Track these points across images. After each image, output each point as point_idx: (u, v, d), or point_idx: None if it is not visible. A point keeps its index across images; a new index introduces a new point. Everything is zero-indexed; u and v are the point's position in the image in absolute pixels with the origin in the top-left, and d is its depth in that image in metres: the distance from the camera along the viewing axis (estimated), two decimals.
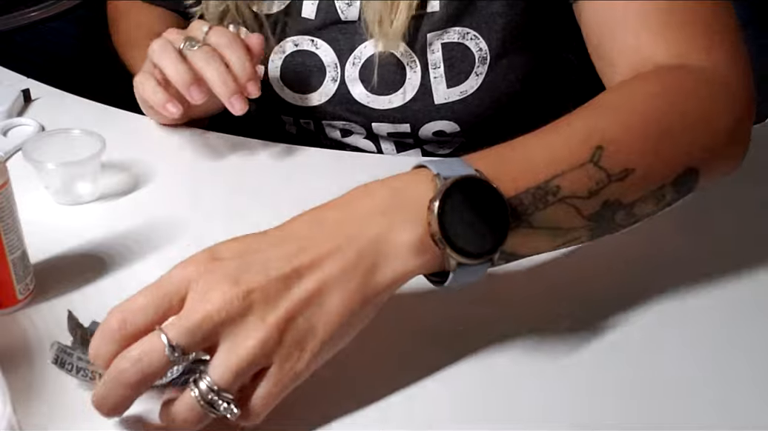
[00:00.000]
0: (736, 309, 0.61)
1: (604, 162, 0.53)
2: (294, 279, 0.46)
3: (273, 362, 0.46)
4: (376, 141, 0.85)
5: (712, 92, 0.59)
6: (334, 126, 0.84)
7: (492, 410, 0.52)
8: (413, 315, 0.59)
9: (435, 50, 0.77)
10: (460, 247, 0.48)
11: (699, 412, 0.52)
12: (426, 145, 0.84)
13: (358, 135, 0.84)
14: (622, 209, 0.55)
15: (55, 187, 0.70)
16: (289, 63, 0.81)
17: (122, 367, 0.44)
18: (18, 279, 0.57)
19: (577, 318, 0.59)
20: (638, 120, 0.56)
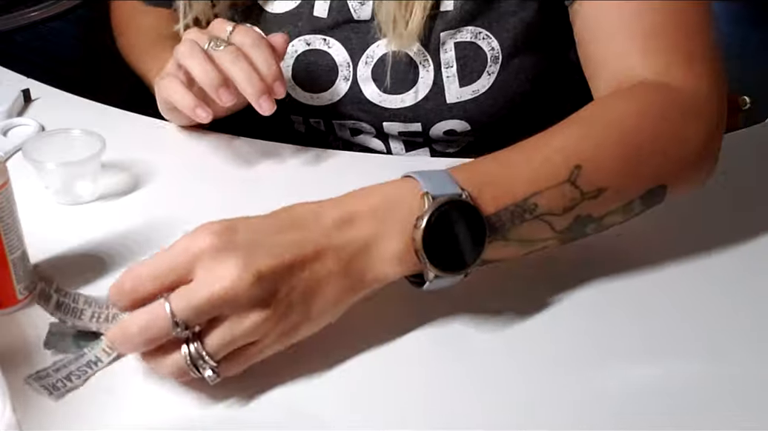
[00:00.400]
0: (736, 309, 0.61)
1: (580, 181, 0.56)
2: (298, 268, 0.50)
3: (261, 340, 0.50)
4: (385, 140, 0.85)
5: (685, 115, 0.62)
6: (344, 125, 0.84)
7: (492, 410, 0.52)
8: (413, 315, 0.59)
9: (448, 49, 0.77)
10: (439, 263, 0.52)
11: (698, 412, 0.52)
12: (435, 144, 0.84)
13: (367, 134, 0.84)
14: (593, 222, 0.59)
15: (55, 187, 0.70)
16: (300, 62, 0.81)
17: (130, 332, 0.48)
18: (18, 279, 0.57)
19: (577, 317, 0.60)
20: (614, 140, 0.59)
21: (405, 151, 0.85)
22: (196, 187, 0.75)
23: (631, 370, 0.55)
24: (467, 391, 0.53)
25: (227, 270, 0.47)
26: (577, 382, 0.54)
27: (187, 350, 0.48)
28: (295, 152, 0.80)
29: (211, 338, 0.48)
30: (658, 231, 0.69)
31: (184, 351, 0.48)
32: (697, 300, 0.62)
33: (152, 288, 0.48)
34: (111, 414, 0.50)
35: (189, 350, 0.48)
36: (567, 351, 0.57)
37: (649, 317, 0.60)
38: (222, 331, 0.48)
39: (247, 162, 0.79)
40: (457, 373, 0.55)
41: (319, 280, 0.50)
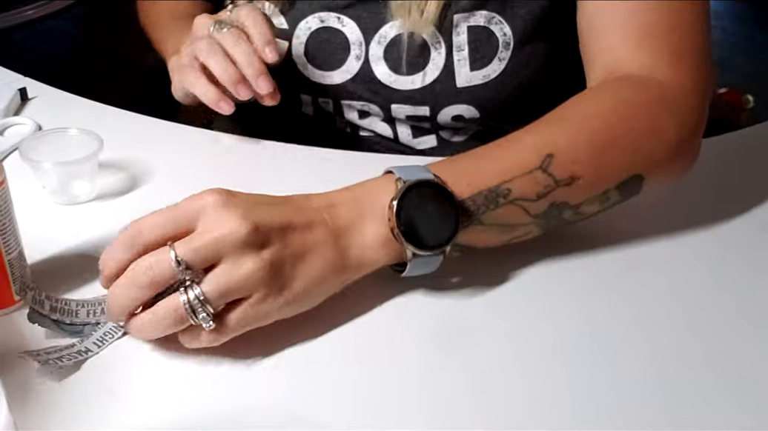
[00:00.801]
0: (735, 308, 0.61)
1: (552, 169, 0.59)
2: (290, 231, 0.54)
3: (253, 294, 0.52)
4: (392, 124, 0.85)
5: (666, 109, 0.64)
6: (352, 107, 0.84)
7: (491, 410, 0.52)
8: (413, 314, 0.59)
9: (461, 32, 0.77)
10: (415, 240, 0.56)
11: (697, 412, 0.52)
12: (442, 131, 0.84)
13: (375, 117, 0.84)
14: (569, 209, 0.61)
15: (52, 187, 0.70)
16: (314, 39, 0.81)
17: (136, 272, 0.51)
18: (15, 279, 0.57)
19: (578, 316, 0.59)
20: (588, 132, 0.61)
21: (412, 137, 0.85)
22: (194, 187, 0.73)
23: (630, 370, 0.55)
24: (468, 391, 0.53)
25: (228, 220, 0.51)
26: (575, 378, 0.54)
27: (186, 296, 0.51)
28: (295, 152, 0.80)
29: (209, 280, 0.51)
30: (656, 232, 0.69)
31: (183, 298, 0.51)
32: (697, 302, 0.61)
33: (157, 237, 0.52)
34: (111, 414, 0.50)
35: (188, 296, 0.51)
36: (566, 349, 0.57)
37: (649, 319, 0.60)
38: (219, 273, 0.51)
39: (246, 162, 0.79)
40: (457, 373, 0.55)
41: (309, 246, 0.54)
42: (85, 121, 0.74)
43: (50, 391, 0.51)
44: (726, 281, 0.64)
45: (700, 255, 0.66)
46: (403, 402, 0.52)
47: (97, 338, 0.55)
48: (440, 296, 0.61)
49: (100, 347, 0.54)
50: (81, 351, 0.54)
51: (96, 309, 0.57)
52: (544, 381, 0.54)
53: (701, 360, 0.56)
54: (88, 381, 0.52)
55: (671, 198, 0.74)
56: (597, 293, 0.62)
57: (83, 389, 0.52)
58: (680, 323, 0.59)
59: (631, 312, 0.60)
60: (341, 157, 0.80)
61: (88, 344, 0.54)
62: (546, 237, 0.68)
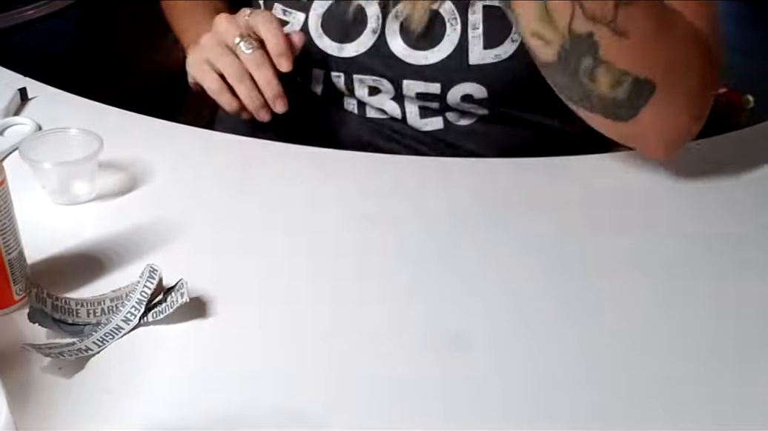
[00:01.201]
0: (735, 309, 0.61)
1: (621, 13, 0.61)
2: None
3: None
4: (401, 103, 0.85)
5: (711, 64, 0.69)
6: (364, 82, 0.84)
7: (491, 410, 0.52)
8: (413, 314, 0.59)
9: (476, 11, 0.78)
10: None
11: (696, 412, 0.52)
12: (449, 112, 0.84)
13: (385, 95, 0.85)
14: (593, 57, 0.63)
15: (52, 187, 0.70)
16: (332, 11, 0.82)
17: None
18: (15, 279, 0.57)
19: (577, 317, 0.59)
20: (666, 23, 0.65)
21: (420, 117, 0.85)
22: (194, 187, 0.74)
23: (630, 371, 0.55)
24: (468, 391, 0.53)
25: None
26: (575, 381, 0.54)
27: None
28: (295, 152, 0.80)
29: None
30: (659, 232, 0.69)
31: None
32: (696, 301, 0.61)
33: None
34: (111, 414, 0.50)
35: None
36: (566, 349, 0.57)
37: (649, 319, 0.60)
38: None
39: (245, 162, 0.79)
40: (457, 373, 0.55)
41: None
42: (85, 121, 0.74)
43: (50, 391, 0.51)
44: (726, 281, 0.64)
45: (700, 255, 0.66)
46: (403, 402, 0.52)
47: (98, 338, 0.55)
48: (440, 296, 0.61)
49: (100, 347, 0.55)
50: (81, 350, 0.54)
51: (96, 309, 0.57)
52: (545, 382, 0.54)
53: (703, 361, 0.56)
54: (88, 381, 0.52)
55: (671, 197, 0.74)
56: (598, 293, 0.62)
57: (83, 389, 0.52)
58: (680, 323, 0.59)
59: (632, 313, 0.60)
60: (341, 157, 0.80)
61: (89, 343, 0.54)
62: (546, 237, 0.68)
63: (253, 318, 0.59)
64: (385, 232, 0.68)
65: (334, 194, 0.73)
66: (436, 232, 0.68)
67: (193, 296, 0.58)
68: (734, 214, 0.71)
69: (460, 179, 0.77)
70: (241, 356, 0.55)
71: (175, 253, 0.64)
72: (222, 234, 0.67)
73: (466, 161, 0.80)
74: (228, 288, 0.60)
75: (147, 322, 0.57)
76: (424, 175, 0.77)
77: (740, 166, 0.78)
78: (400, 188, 0.75)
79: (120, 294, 0.58)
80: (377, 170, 0.78)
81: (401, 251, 0.66)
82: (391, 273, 0.63)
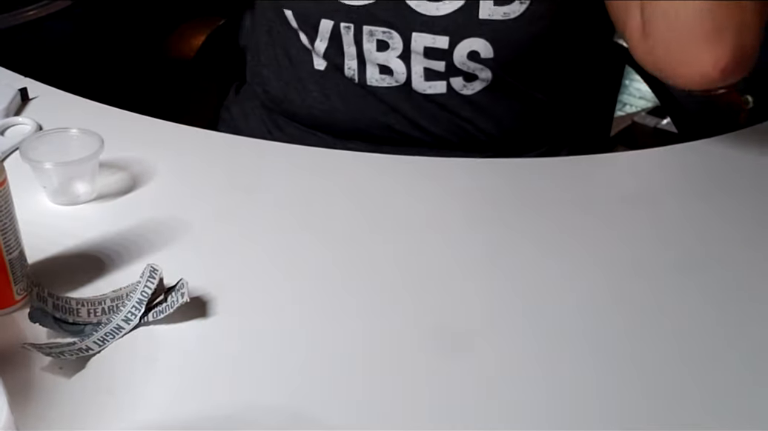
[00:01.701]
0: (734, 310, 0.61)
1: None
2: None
3: None
4: (408, 62, 0.85)
5: None
6: (373, 34, 0.84)
7: (491, 410, 0.52)
8: (413, 314, 0.59)
9: None
10: None
11: (695, 411, 0.52)
12: (453, 77, 0.85)
13: (393, 51, 0.85)
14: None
15: (52, 187, 0.70)
16: None
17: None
18: (15, 279, 0.57)
19: (578, 316, 0.59)
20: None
21: (424, 79, 0.85)
22: (194, 187, 0.74)
23: (631, 371, 0.55)
24: (468, 391, 0.53)
25: None
26: (575, 378, 0.54)
27: None
28: (295, 152, 0.80)
29: None
30: (659, 232, 0.69)
31: None
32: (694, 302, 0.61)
33: None
34: (111, 414, 0.50)
35: None
36: (566, 349, 0.57)
37: (650, 319, 0.60)
38: None
39: (245, 161, 0.79)
40: (457, 373, 0.55)
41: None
42: (85, 121, 0.74)
43: (51, 391, 0.51)
44: (726, 280, 0.64)
45: (700, 255, 0.66)
46: (403, 401, 0.52)
47: (98, 338, 0.55)
48: (440, 296, 0.61)
49: (101, 346, 0.55)
50: (82, 349, 0.54)
51: (96, 309, 0.57)
52: (545, 382, 0.54)
53: (709, 362, 0.56)
54: (88, 381, 0.52)
55: (671, 197, 0.74)
56: (597, 293, 0.62)
57: (84, 388, 0.52)
58: (680, 324, 0.59)
59: (632, 312, 0.60)
60: (341, 157, 0.80)
61: (89, 343, 0.54)
62: (547, 238, 0.68)
63: (253, 317, 0.59)
64: (388, 232, 0.68)
65: (335, 194, 0.73)
66: (439, 232, 0.68)
67: (194, 296, 0.59)
68: (734, 214, 0.71)
69: (463, 178, 0.77)
70: (241, 356, 0.55)
71: (175, 253, 0.64)
72: (222, 234, 0.67)
73: (467, 161, 0.80)
74: (228, 288, 0.60)
75: (147, 322, 0.57)
76: (427, 174, 0.77)
77: (740, 166, 0.78)
78: (402, 187, 0.75)
79: (120, 294, 0.58)
80: (379, 170, 0.78)
81: (403, 251, 0.66)
82: (392, 274, 0.64)
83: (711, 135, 0.81)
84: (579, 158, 0.81)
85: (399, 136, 0.88)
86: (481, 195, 0.74)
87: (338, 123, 0.89)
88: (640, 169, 0.77)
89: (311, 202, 0.72)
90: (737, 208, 0.72)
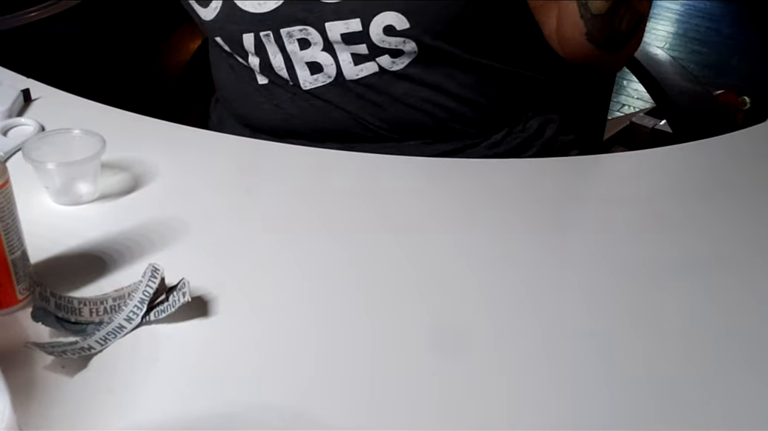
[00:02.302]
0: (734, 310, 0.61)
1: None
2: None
3: None
4: (333, 53, 0.85)
5: None
6: (292, 35, 0.84)
7: (491, 410, 0.52)
8: (413, 314, 0.59)
9: None
10: None
11: (697, 411, 0.52)
12: (380, 57, 0.84)
13: (315, 46, 0.85)
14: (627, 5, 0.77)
15: (55, 187, 0.70)
16: None
17: None
18: (18, 279, 0.57)
19: (578, 317, 0.60)
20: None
21: (354, 65, 0.85)
22: (196, 187, 0.75)
23: (631, 372, 0.55)
24: (468, 391, 0.54)
25: None
26: (575, 379, 0.54)
27: None
28: (294, 152, 0.80)
29: None
30: (659, 232, 0.69)
31: None
32: (693, 302, 0.62)
33: None
34: (111, 414, 0.50)
35: None
36: (566, 349, 0.57)
37: (650, 320, 0.60)
38: None
39: (246, 161, 0.79)
40: (457, 373, 0.55)
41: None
42: (87, 121, 0.75)
43: (53, 389, 0.52)
44: (727, 280, 0.64)
45: (700, 255, 0.67)
46: (404, 401, 0.53)
47: (100, 337, 0.55)
48: (441, 296, 0.61)
49: (102, 346, 0.55)
50: (84, 348, 0.54)
51: (98, 308, 0.57)
52: (548, 381, 0.54)
53: (712, 361, 0.56)
54: (91, 380, 0.53)
55: (670, 197, 0.74)
56: (598, 293, 0.62)
57: (86, 387, 0.52)
58: (681, 324, 0.60)
59: (633, 312, 0.60)
60: (341, 157, 0.80)
61: (91, 342, 0.55)
62: (546, 238, 0.68)
63: (254, 317, 0.59)
64: (388, 232, 0.69)
65: (335, 194, 0.74)
66: (439, 232, 0.69)
67: (195, 295, 0.59)
68: (732, 214, 0.72)
69: (463, 178, 0.77)
70: (242, 355, 0.55)
71: (177, 253, 0.64)
72: (224, 234, 0.68)
73: (467, 161, 0.80)
74: (230, 288, 0.61)
75: (149, 321, 0.57)
76: (427, 174, 0.78)
77: (737, 167, 0.78)
78: (403, 187, 0.75)
79: (122, 294, 0.59)
80: (379, 169, 0.78)
81: (403, 251, 0.66)
82: (392, 273, 0.64)
83: (708, 136, 0.81)
84: (579, 158, 0.81)
85: (366, 132, 0.88)
86: (482, 195, 0.74)
87: (301, 128, 0.89)
88: (640, 169, 0.78)
89: (312, 201, 0.72)
90: (737, 208, 0.73)
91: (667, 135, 2.02)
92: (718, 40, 3.44)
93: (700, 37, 3.46)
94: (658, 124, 2.14)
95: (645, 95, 2.40)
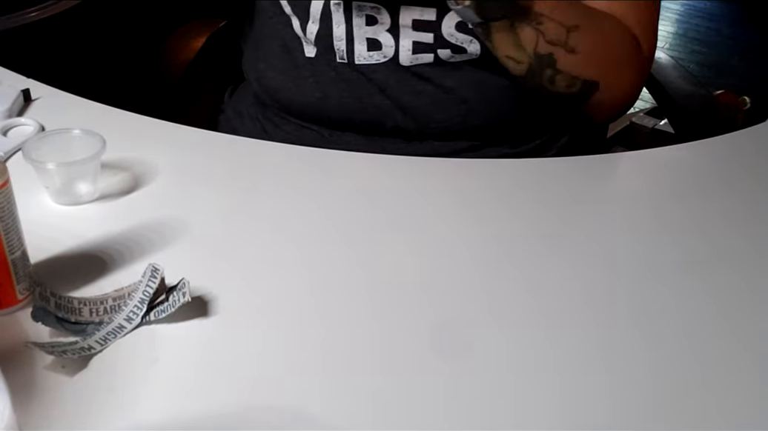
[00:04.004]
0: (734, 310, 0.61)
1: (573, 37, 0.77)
2: None
3: None
4: (396, 35, 0.85)
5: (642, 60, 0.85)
6: (362, 9, 0.84)
7: (491, 410, 0.52)
8: (413, 314, 0.59)
9: None
10: None
11: (698, 411, 0.52)
12: (441, 50, 0.85)
13: (381, 26, 0.85)
14: (551, 69, 0.79)
15: (55, 187, 0.70)
16: None
17: None
18: (18, 279, 0.57)
19: (578, 316, 0.60)
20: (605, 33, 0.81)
21: (412, 53, 0.85)
22: (196, 187, 0.75)
23: (631, 372, 0.55)
24: (468, 391, 0.54)
25: None
26: (576, 379, 0.54)
27: None
28: (294, 151, 0.80)
29: None
30: (659, 232, 0.69)
31: None
32: (693, 303, 0.62)
33: None
34: (111, 414, 0.50)
35: None
36: (566, 349, 0.57)
37: (650, 320, 0.60)
38: None
39: (246, 161, 0.79)
40: (457, 373, 0.55)
41: None
42: (87, 121, 0.75)
43: (53, 389, 0.52)
44: (727, 280, 0.64)
45: (701, 255, 0.67)
46: (405, 402, 0.53)
47: (100, 337, 0.55)
48: (441, 296, 0.61)
49: (102, 345, 0.55)
50: (84, 348, 0.54)
51: (98, 308, 0.57)
52: (545, 382, 0.54)
53: (715, 362, 0.57)
54: (91, 380, 0.53)
55: (670, 197, 0.74)
56: (599, 293, 0.62)
57: (86, 387, 0.52)
58: (681, 324, 0.60)
59: (634, 312, 0.60)
60: (342, 156, 0.80)
61: (91, 342, 0.55)
62: (547, 238, 0.68)
63: (254, 317, 0.59)
64: (389, 231, 0.69)
65: (336, 193, 0.74)
66: (440, 232, 0.69)
67: (195, 295, 0.59)
68: (733, 214, 0.72)
69: (465, 178, 0.77)
70: (242, 355, 0.55)
71: (177, 253, 0.64)
72: (224, 234, 0.68)
73: (467, 161, 0.80)
74: (230, 288, 0.61)
75: (149, 321, 0.57)
76: (428, 173, 0.78)
77: (737, 167, 0.78)
78: (403, 187, 0.75)
79: (122, 294, 0.59)
80: (380, 170, 0.78)
81: (404, 251, 0.66)
82: (393, 273, 0.64)
83: (709, 136, 0.81)
84: (579, 158, 0.81)
85: (389, 126, 0.88)
86: (483, 195, 0.74)
87: (330, 112, 0.89)
88: (640, 169, 0.78)
89: (312, 201, 0.72)
90: (737, 208, 0.73)
91: (667, 135, 2.03)
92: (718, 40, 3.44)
93: (700, 37, 3.46)
94: (658, 124, 2.14)
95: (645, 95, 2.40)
